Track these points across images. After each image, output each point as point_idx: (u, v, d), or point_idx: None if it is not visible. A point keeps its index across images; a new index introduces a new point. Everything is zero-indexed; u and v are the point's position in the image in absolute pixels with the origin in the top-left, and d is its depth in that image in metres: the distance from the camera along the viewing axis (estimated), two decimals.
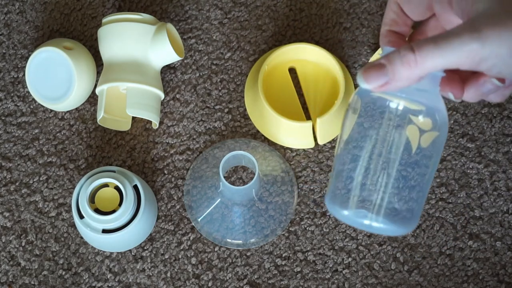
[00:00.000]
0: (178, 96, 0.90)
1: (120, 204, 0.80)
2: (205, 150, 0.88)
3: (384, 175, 0.64)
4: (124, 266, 0.85)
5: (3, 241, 0.86)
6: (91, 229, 0.80)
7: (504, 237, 0.84)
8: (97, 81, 0.90)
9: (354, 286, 0.83)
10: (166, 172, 0.87)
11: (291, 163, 0.87)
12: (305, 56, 0.89)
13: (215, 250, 0.85)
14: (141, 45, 0.85)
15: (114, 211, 0.79)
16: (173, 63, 0.91)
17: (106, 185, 0.80)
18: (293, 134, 0.87)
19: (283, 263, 0.84)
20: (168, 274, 0.84)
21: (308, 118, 0.88)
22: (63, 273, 0.85)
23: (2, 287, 0.84)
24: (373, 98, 0.61)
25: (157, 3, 0.93)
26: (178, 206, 0.86)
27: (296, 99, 0.89)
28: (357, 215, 0.64)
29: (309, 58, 0.89)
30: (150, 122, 0.89)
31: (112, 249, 0.85)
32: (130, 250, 0.85)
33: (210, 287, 0.84)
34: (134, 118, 0.89)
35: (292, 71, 0.90)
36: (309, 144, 0.87)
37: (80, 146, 0.88)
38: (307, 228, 0.85)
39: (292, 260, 0.84)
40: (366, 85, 0.57)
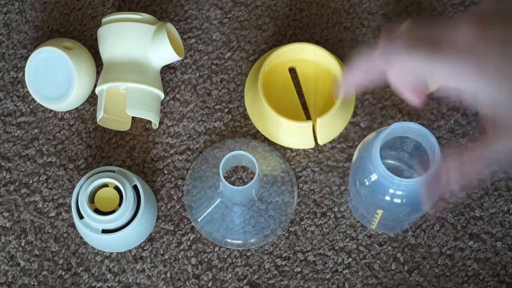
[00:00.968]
0: (178, 96, 0.90)
1: (120, 204, 0.80)
2: (205, 150, 0.88)
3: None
4: (124, 266, 0.84)
5: (3, 241, 0.86)
6: (91, 229, 0.79)
7: (504, 237, 0.84)
8: (97, 81, 0.90)
9: (354, 286, 0.83)
10: (166, 172, 0.87)
11: (291, 163, 0.87)
12: (305, 56, 0.89)
13: (215, 250, 0.85)
14: (141, 45, 0.85)
15: (114, 211, 0.79)
16: (173, 63, 0.91)
17: (105, 185, 0.80)
18: (293, 134, 0.86)
19: (283, 263, 0.84)
20: (168, 274, 0.84)
21: (308, 118, 0.88)
22: (63, 273, 0.84)
23: (2, 287, 0.84)
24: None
25: (157, 3, 0.93)
26: (178, 206, 0.86)
27: (296, 99, 0.89)
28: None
29: (309, 58, 0.89)
30: (150, 122, 0.89)
31: (112, 249, 0.85)
32: (130, 250, 0.85)
33: (210, 287, 0.84)
34: (134, 118, 0.89)
35: (292, 71, 0.90)
36: (309, 144, 0.87)
37: (79, 146, 0.88)
38: (307, 228, 0.85)
39: (292, 260, 0.84)
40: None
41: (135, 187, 0.81)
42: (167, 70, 0.91)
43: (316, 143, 0.87)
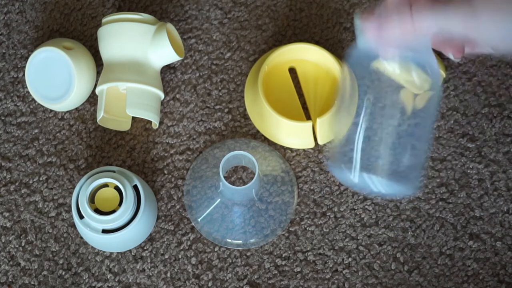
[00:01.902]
0: (178, 96, 0.90)
1: (120, 204, 0.80)
2: (205, 150, 0.88)
3: (382, 139, 0.67)
4: (124, 266, 0.84)
5: (3, 241, 0.86)
6: (91, 229, 0.80)
7: (504, 237, 0.84)
8: (97, 81, 0.90)
9: (354, 286, 0.83)
10: (166, 172, 0.87)
11: (291, 163, 0.87)
12: (305, 56, 0.89)
13: (215, 250, 0.85)
14: (141, 45, 0.85)
15: (114, 211, 0.79)
16: (173, 63, 0.91)
17: (106, 185, 0.80)
18: (293, 134, 0.87)
19: (283, 263, 0.84)
20: (168, 274, 0.84)
21: (308, 118, 0.88)
22: (63, 273, 0.84)
23: (2, 287, 0.84)
24: (368, 56, 0.63)
25: (157, 3, 0.93)
26: (178, 206, 0.86)
27: (296, 99, 0.89)
28: (361, 179, 0.66)
29: (309, 58, 0.89)
30: (150, 122, 0.89)
31: (112, 249, 0.85)
32: (130, 250, 0.85)
33: (210, 287, 0.84)
34: (134, 118, 0.89)
35: (292, 71, 0.90)
36: (309, 144, 0.87)
37: (80, 146, 0.88)
38: (307, 228, 0.85)
39: (292, 260, 0.84)
40: (363, 33, 0.59)
41: (135, 187, 0.81)
42: (167, 70, 0.91)
43: (316, 143, 0.88)
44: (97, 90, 0.86)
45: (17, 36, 0.93)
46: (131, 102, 0.84)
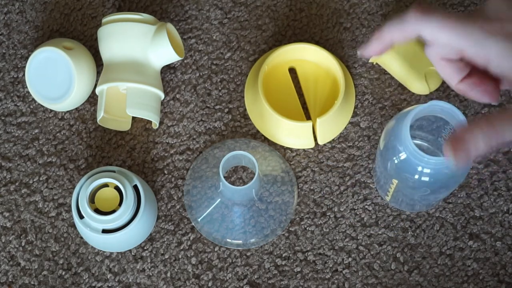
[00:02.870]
0: (178, 96, 0.90)
1: (120, 204, 0.80)
2: (205, 150, 0.88)
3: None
4: (124, 266, 0.85)
5: (3, 241, 0.86)
6: (91, 229, 0.80)
7: (504, 237, 0.84)
8: (97, 81, 0.90)
9: (354, 286, 0.83)
10: (166, 172, 0.87)
11: (291, 163, 0.87)
12: (305, 56, 0.89)
13: (215, 250, 0.85)
14: (141, 45, 0.85)
15: (114, 211, 0.79)
16: (173, 63, 0.91)
17: (106, 185, 0.80)
18: (293, 134, 0.87)
19: (283, 263, 0.84)
20: (168, 274, 0.84)
21: (308, 118, 0.88)
22: (63, 273, 0.85)
23: (2, 287, 0.84)
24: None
25: (157, 3, 0.93)
26: (178, 206, 0.86)
27: (296, 99, 0.89)
28: None
29: (309, 58, 0.89)
30: (150, 122, 0.89)
31: (112, 249, 0.85)
32: (130, 250, 0.85)
33: (210, 287, 0.84)
34: (134, 118, 0.89)
35: (292, 71, 0.90)
36: (309, 144, 0.87)
37: (80, 146, 0.88)
38: (307, 228, 0.85)
39: (292, 260, 0.84)
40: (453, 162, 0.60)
41: (135, 187, 0.81)
42: (167, 70, 0.91)
43: (316, 143, 0.88)
44: (97, 90, 0.86)
45: (17, 36, 0.93)
46: (131, 102, 0.84)
